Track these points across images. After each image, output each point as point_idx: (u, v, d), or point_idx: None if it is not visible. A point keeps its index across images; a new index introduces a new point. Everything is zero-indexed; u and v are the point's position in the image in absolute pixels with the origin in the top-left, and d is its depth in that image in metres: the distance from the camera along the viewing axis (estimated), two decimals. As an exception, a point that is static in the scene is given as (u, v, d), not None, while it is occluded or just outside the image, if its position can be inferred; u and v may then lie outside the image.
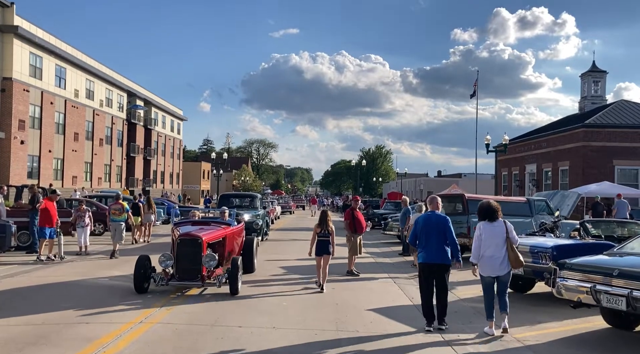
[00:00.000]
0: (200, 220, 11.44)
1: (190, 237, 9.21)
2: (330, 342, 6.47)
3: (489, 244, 7.11)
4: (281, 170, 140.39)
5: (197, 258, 8.95)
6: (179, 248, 9.10)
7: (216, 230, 10.12)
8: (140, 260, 9.19)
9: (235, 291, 9.01)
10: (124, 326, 7.01)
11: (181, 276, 8.99)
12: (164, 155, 64.39)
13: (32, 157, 35.58)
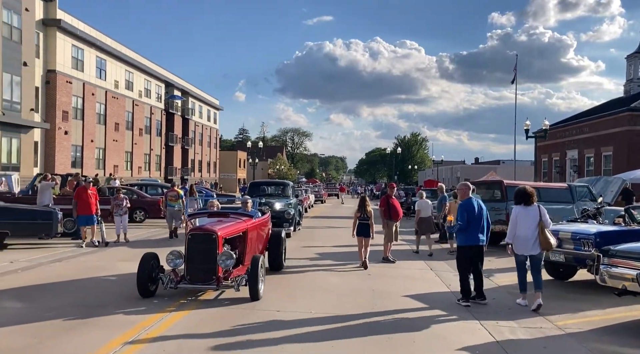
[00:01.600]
0: (219, 211, 9.84)
1: (203, 232, 7.76)
2: (367, 326, 6.50)
3: (523, 226, 7.70)
4: (315, 159, 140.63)
5: (211, 256, 7.55)
6: (190, 245, 7.64)
7: (235, 222, 8.66)
8: (145, 258, 7.77)
9: (255, 296, 7.52)
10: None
11: (193, 277, 7.61)
12: (201, 144, 65.43)
13: (76, 146, 36.74)
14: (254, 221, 9.21)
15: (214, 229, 7.81)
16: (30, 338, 5.79)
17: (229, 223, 8.52)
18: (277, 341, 5.77)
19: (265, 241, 10.01)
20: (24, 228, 13.01)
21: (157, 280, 7.74)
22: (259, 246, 9.47)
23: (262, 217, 9.99)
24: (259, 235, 9.51)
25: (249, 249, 8.70)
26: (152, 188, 23.81)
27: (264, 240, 9.89)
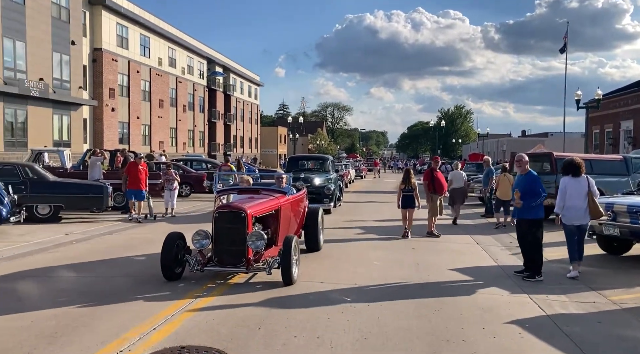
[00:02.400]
0: (250, 187, 9.06)
1: (232, 209, 7.10)
2: (413, 299, 6.44)
3: (572, 196, 7.72)
4: (356, 134, 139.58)
5: (240, 236, 6.91)
6: (217, 224, 7.00)
7: (268, 199, 7.95)
8: (169, 238, 7.12)
9: (288, 280, 6.83)
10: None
11: (220, 259, 7.02)
12: (242, 120, 66.04)
13: (122, 123, 37.73)
14: (287, 198, 8.42)
15: (243, 206, 7.10)
16: (85, 305, 6.01)
17: (260, 201, 7.81)
18: (323, 311, 5.79)
19: (301, 219, 9.30)
20: (76, 202, 13.52)
21: (183, 261, 7.12)
22: (293, 225, 8.77)
23: (297, 194, 9.20)
24: (294, 213, 8.78)
25: (283, 228, 8.01)
26: (197, 163, 24.26)
27: (299, 218, 9.18)
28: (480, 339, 5.08)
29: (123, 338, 4.90)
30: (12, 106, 25.97)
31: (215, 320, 5.46)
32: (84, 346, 4.68)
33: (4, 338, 4.88)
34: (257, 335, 5.02)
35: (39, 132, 27.51)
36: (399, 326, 5.41)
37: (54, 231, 11.59)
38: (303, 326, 5.29)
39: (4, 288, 6.82)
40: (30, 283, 7.14)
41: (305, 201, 9.71)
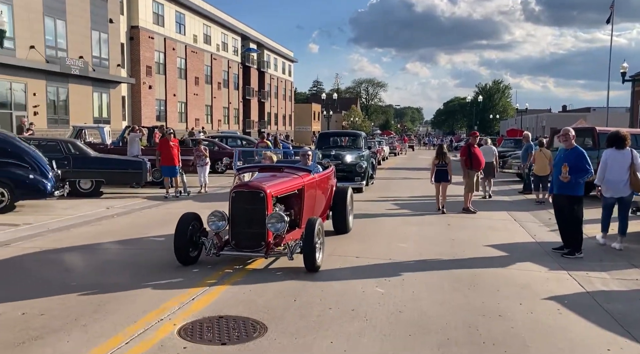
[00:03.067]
0: (272, 164, 8.47)
1: (249, 189, 6.52)
2: (449, 274, 6.42)
3: (613, 169, 7.65)
4: (390, 110, 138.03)
5: (259, 218, 6.36)
6: (235, 204, 6.48)
7: (290, 178, 7.36)
8: (184, 219, 6.65)
9: (311, 267, 6.24)
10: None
11: (238, 243, 6.49)
12: (276, 97, 66.13)
13: (159, 100, 38.35)
14: (312, 177, 7.81)
15: (261, 186, 6.52)
16: (129, 277, 6.22)
17: (282, 179, 7.21)
18: (357, 285, 5.83)
19: (329, 200, 8.71)
20: (117, 177, 13.90)
21: (199, 244, 6.65)
22: (319, 206, 8.20)
23: (323, 172, 8.60)
24: (320, 192, 8.16)
25: (307, 210, 7.44)
26: (232, 140, 24.50)
27: (326, 198, 8.58)
28: (517, 315, 5.03)
29: (163, 308, 5.06)
30: (54, 84, 26.70)
31: (252, 292, 5.58)
32: (127, 314, 4.85)
33: (52, 305, 5.10)
34: (293, 307, 5.10)
35: (79, 109, 28.25)
36: (434, 300, 5.41)
37: (96, 205, 11.97)
38: (338, 299, 5.34)
39: (51, 258, 7.12)
40: (75, 254, 7.43)
41: (333, 180, 9.11)
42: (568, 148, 7.64)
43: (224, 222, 6.49)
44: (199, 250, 6.71)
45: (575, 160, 7.40)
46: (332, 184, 9.03)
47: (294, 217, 7.21)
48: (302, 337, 4.34)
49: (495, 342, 4.35)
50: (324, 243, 6.68)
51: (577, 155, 7.47)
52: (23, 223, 9.48)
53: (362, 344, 4.23)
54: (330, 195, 8.82)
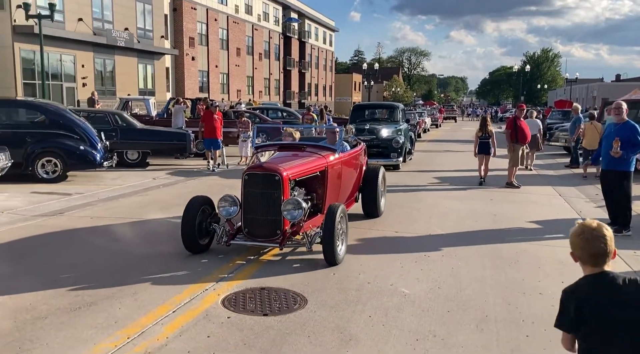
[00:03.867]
0: (292, 143, 7.48)
1: (264, 171, 5.83)
2: (490, 249, 6.37)
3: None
4: (433, 80, 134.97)
5: (274, 204, 5.72)
6: (247, 188, 5.87)
7: (312, 159, 6.56)
8: (193, 203, 6.07)
9: (331, 259, 5.54)
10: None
11: (250, 231, 5.87)
12: (317, 68, 65.72)
13: (202, 72, 38.79)
14: (337, 156, 6.96)
15: (277, 167, 5.85)
16: (173, 246, 6.47)
17: (302, 160, 6.46)
18: (396, 259, 5.88)
19: (357, 181, 7.93)
20: (162, 148, 14.29)
21: (210, 231, 6.09)
22: (346, 189, 7.40)
23: (350, 151, 7.72)
24: (347, 173, 7.33)
25: (331, 193, 6.68)
26: (273, 111, 24.61)
27: (354, 179, 7.78)
28: (559, 293, 4.88)
29: (209, 277, 5.25)
30: (101, 56, 27.38)
31: (291, 265, 5.70)
32: (174, 284, 5.07)
33: (103, 273, 5.38)
34: (332, 280, 5.21)
35: (125, 81, 28.94)
36: (473, 276, 5.40)
37: (143, 176, 12.37)
38: (376, 273, 5.41)
39: (102, 228, 7.46)
40: (124, 224, 7.74)
41: (362, 159, 8.28)
42: (619, 122, 7.34)
43: (236, 208, 5.88)
44: (211, 237, 6.12)
45: (627, 135, 7.11)
46: (362, 163, 8.22)
47: (316, 201, 6.50)
48: (341, 310, 4.44)
49: (535, 320, 4.33)
50: (347, 233, 5.98)
51: (629, 128, 7.18)
52: (75, 192, 9.93)
53: (400, 318, 4.30)
54: (360, 175, 8.01)
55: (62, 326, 4.09)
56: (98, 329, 4.03)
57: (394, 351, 3.73)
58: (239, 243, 5.93)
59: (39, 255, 6.05)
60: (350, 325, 4.15)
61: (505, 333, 4.08)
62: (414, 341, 3.88)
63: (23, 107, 12.17)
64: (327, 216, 5.61)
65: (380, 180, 8.12)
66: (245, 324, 4.15)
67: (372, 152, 12.39)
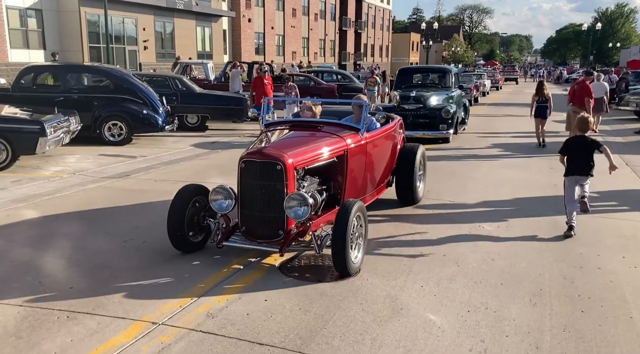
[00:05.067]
0: (308, 120, 6.11)
1: (263, 158, 4.72)
2: (547, 222, 6.25)
3: None
4: (496, 39, 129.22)
5: (275, 198, 4.68)
6: (243, 179, 4.82)
7: (329, 141, 5.33)
8: (182, 194, 5.11)
9: (343, 269, 4.53)
10: None
11: (248, 230, 4.85)
12: (373, 28, 64.28)
13: (258, 34, 38.85)
14: (362, 137, 5.69)
15: (279, 154, 4.69)
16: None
17: (315, 143, 5.23)
18: (449, 229, 5.88)
19: (390, 163, 6.75)
20: (220, 113, 14.61)
21: (204, 226, 5.14)
22: (373, 175, 6.25)
23: (380, 128, 6.44)
24: (374, 157, 6.13)
25: (351, 182, 5.55)
26: (328, 75, 24.47)
27: (385, 162, 6.58)
28: (619, 268, 4.86)
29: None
30: (161, 19, 27.93)
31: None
32: (237, 246, 5.27)
33: (164, 240, 5.68)
34: (384, 249, 5.29)
35: (184, 44, 29.48)
36: (529, 249, 5.34)
37: (202, 139, 12.75)
38: (429, 244, 5.45)
39: (166, 190, 7.80)
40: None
41: (396, 138, 6.99)
42: None
43: (230, 201, 4.85)
44: (207, 232, 5.17)
45: None
46: (395, 142, 6.95)
47: (334, 192, 5.46)
48: (393, 279, 4.54)
49: (591, 295, 4.27)
50: (365, 236, 4.87)
51: None
52: (139, 155, 10.40)
53: (452, 289, 4.35)
54: (393, 156, 6.83)
55: (133, 285, 4.40)
56: (165, 288, 4.33)
57: (444, 321, 3.80)
58: (231, 245, 4.86)
59: (107, 216, 6.44)
60: (401, 294, 4.24)
61: (560, 307, 4.06)
62: (465, 313, 3.94)
63: (90, 72, 12.71)
64: (339, 216, 4.52)
65: (419, 162, 6.95)
66: (301, 290, 4.33)
67: (418, 122, 11.92)
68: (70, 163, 9.43)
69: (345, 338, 3.56)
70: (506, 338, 3.58)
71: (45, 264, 4.78)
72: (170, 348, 3.43)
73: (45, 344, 3.45)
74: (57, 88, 11.78)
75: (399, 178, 6.92)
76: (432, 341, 3.53)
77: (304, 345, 3.46)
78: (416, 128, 11.77)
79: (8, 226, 5.88)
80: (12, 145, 8.60)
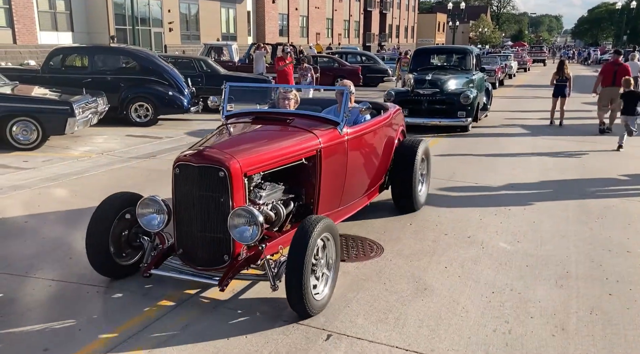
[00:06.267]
0: (281, 111, 4.98)
1: (201, 162, 3.61)
2: (576, 204, 6.14)
3: None
4: (525, 19, 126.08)
5: (217, 214, 3.61)
6: (178, 187, 3.72)
7: (296, 139, 4.26)
8: (106, 205, 4.03)
9: (301, 309, 3.51)
10: None
11: (187, 253, 3.75)
12: (399, 8, 63.33)
13: (282, 15, 38.65)
14: (339, 134, 4.51)
15: (222, 157, 3.60)
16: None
17: (278, 142, 4.13)
18: (475, 212, 5.83)
19: (383, 163, 5.61)
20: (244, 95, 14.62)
21: (139, 245, 4.03)
22: (359, 179, 5.09)
23: (370, 121, 5.23)
24: (360, 155, 5.02)
25: (328, 189, 4.43)
26: (352, 56, 24.27)
27: (375, 162, 5.42)
28: (649, 253, 4.76)
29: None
30: (185, 1, 27.98)
31: (368, 213, 5.80)
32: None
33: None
34: (409, 230, 5.28)
35: (208, 25, 29.52)
36: (555, 231, 5.27)
37: (226, 121, 12.80)
38: (454, 225, 5.41)
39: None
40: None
41: (393, 130, 5.82)
42: None
43: (163, 216, 3.75)
44: (140, 253, 4.04)
45: None
46: (391, 137, 5.75)
47: (305, 201, 4.37)
48: (417, 260, 4.53)
49: (619, 279, 4.21)
50: (335, 267, 3.78)
51: None
52: (165, 136, 10.53)
53: (476, 271, 4.33)
54: (387, 154, 5.67)
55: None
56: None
57: (469, 302, 3.79)
58: (159, 273, 3.70)
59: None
60: (425, 275, 4.24)
61: (586, 290, 4.01)
62: (490, 294, 3.92)
63: (117, 54, 12.83)
64: (296, 239, 3.42)
65: (419, 160, 5.71)
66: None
67: (433, 108, 10.92)
68: (98, 144, 9.60)
69: (368, 316, 3.59)
70: (531, 319, 3.56)
71: (75, 241, 4.91)
72: None
73: (76, 317, 3.54)
74: (85, 69, 11.95)
75: (395, 182, 5.73)
76: (456, 321, 3.53)
77: (327, 322, 3.50)
78: (431, 116, 10.91)
79: (40, 204, 6.04)
80: (42, 125, 8.78)
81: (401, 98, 10.83)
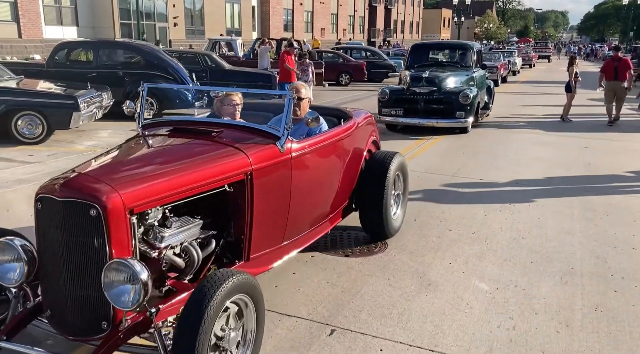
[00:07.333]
0: (208, 120, 4.01)
1: (66, 196, 2.50)
2: (580, 202, 6.12)
3: None
4: (530, 14, 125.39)
5: (91, 265, 2.53)
6: (41, 227, 2.63)
7: (219, 158, 3.18)
8: None
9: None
10: None
11: (54, 316, 2.66)
12: (404, 3, 63.10)
13: (287, 10, 38.58)
14: (280, 151, 3.47)
15: (94, 187, 2.55)
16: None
17: (188, 162, 3.08)
18: (479, 208, 5.80)
19: (345, 186, 4.51)
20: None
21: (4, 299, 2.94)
22: (312, 206, 4.10)
23: (325, 134, 4.11)
24: (312, 177, 3.99)
25: (263, 223, 3.43)
26: (357, 51, 24.21)
27: (335, 185, 4.34)
28: (654, 250, 4.74)
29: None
30: (190, -5, 27.96)
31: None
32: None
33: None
34: (413, 226, 5.26)
35: (213, 20, 29.49)
36: (560, 228, 5.25)
37: (231, 116, 12.79)
38: (458, 221, 5.39)
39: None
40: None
41: (359, 144, 4.73)
42: None
43: (23, 266, 2.72)
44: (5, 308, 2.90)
45: None
46: (357, 150, 4.66)
47: (233, 238, 3.41)
48: (420, 256, 4.53)
49: (625, 276, 4.19)
50: (256, 336, 2.82)
51: None
52: (170, 131, 10.53)
53: (480, 267, 4.32)
54: (352, 172, 4.62)
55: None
56: None
57: (472, 298, 3.79)
58: (10, 347, 2.62)
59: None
60: (429, 271, 4.23)
61: (591, 287, 4.00)
62: (494, 290, 3.91)
63: (121, 49, 12.83)
64: (187, 308, 2.46)
65: (392, 178, 4.70)
66: (328, 264, 4.35)
67: (430, 108, 10.22)
68: (103, 138, 9.62)
69: (372, 311, 3.59)
70: (535, 316, 3.55)
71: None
72: None
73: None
74: (90, 64, 11.96)
75: (363, 204, 4.73)
76: (460, 317, 3.53)
77: (331, 317, 3.50)
78: (428, 116, 10.22)
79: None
80: (47, 120, 8.80)
81: (396, 97, 10.37)
